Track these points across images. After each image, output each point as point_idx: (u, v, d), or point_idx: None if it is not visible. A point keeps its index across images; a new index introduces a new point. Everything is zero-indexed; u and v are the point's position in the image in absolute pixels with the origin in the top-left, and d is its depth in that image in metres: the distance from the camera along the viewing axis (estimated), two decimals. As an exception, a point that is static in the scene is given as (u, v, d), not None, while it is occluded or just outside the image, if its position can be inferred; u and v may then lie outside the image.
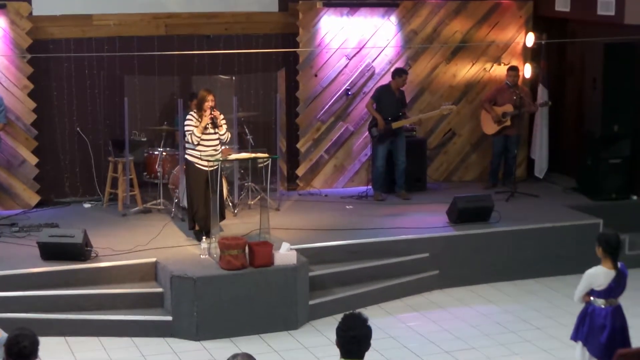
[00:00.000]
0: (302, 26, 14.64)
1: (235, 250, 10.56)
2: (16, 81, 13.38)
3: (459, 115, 15.35)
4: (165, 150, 13.32)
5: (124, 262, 10.99)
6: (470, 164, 15.65)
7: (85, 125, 14.07)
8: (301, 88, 14.75)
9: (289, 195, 14.45)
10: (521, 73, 15.13)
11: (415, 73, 15.14)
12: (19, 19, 13.33)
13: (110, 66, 14.07)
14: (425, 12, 15.16)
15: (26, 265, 10.73)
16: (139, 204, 13.40)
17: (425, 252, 12.10)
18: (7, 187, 13.45)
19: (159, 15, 14.25)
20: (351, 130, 14.97)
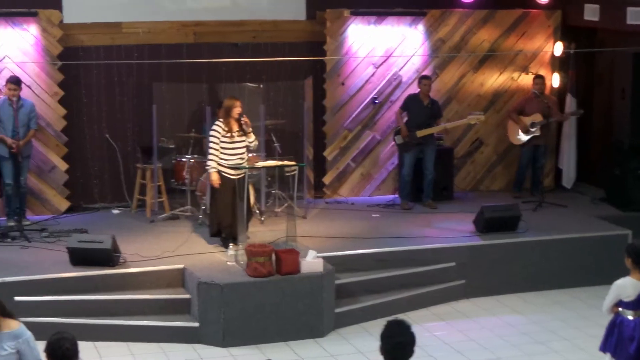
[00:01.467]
0: (330, 34, 14.68)
1: (262, 257, 10.59)
2: (47, 88, 13.50)
3: (486, 125, 15.33)
4: (193, 157, 13.38)
5: (151, 268, 11.06)
6: (497, 173, 15.62)
7: (114, 132, 14.17)
8: (328, 96, 14.78)
9: (315, 203, 14.47)
10: (548, 82, 15.10)
11: (442, 82, 15.15)
12: (50, 27, 13.45)
13: (139, 73, 14.17)
14: (452, 20, 15.17)
15: (56, 270, 10.81)
16: (167, 210, 13.48)
17: (452, 261, 12.09)
18: (38, 192, 13.56)
19: (187, 23, 14.33)
20: (378, 139, 14.99)
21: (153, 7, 14.21)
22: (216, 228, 11.72)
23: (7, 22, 13.29)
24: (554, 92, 15.31)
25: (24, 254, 11.50)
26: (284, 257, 10.71)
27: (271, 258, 10.69)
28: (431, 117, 14.13)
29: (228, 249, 11.30)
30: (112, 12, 14.02)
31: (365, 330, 10.92)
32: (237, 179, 11.53)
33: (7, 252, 11.56)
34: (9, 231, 12.21)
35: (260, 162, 12.19)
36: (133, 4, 14.13)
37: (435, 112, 14.21)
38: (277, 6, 14.78)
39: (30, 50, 13.42)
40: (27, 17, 13.36)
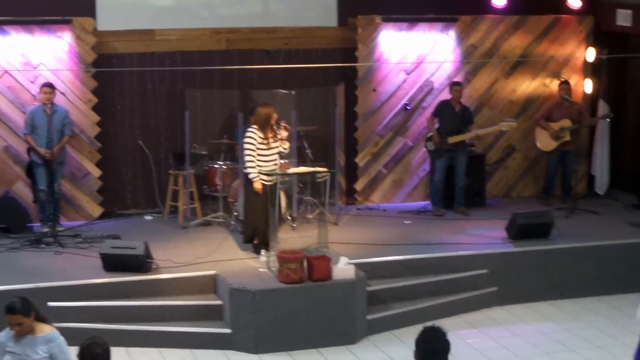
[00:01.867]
0: (361, 41, 14.70)
1: (294, 264, 10.61)
2: (81, 95, 13.61)
3: (519, 131, 15.28)
4: (225, 164, 13.44)
5: (183, 275, 11.11)
6: (529, 179, 15.57)
7: (147, 138, 14.26)
8: (360, 102, 14.80)
9: (347, 209, 14.50)
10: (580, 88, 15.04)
11: (474, 88, 15.14)
12: (84, 34, 13.56)
13: (172, 80, 14.26)
14: (484, 26, 15.15)
15: (89, 276, 10.88)
16: (199, 216, 13.54)
17: (484, 268, 12.06)
18: (71, 198, 13.66)
19: (219, 30, 14.40)
20: (410, 145, 14.99)
21: (186, 14, 14.29)
22: (251, 234, 11.74)
23: (42, 30, 13.41)
24: (586, 98, 15.26)
25: (57, 259, 11.60)
26: (315, 264, 10.72)
27: (303, 264, 10.71)
28: (462, 124, 14.11)
29: (260, 255, 11.33)
30: (145, 19, 14.13)
31: (396, 338, 10.92)
32: (270, 185, 11.55)
33: (41, 257, 11.67)
34: (43, 237, 12.32)
35: (292, 169, 12.22)
36: (166, 12, 14.22)
37: (466, 119, 14.19)
38: (309, 13, 14.83)
39: (64, 57, 13.53)
40: (62, 24, 13.48)
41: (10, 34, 13.30)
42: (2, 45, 13.28)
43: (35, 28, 13.39)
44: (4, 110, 13.28)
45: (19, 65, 13.32)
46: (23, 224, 12.96)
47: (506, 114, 14.92)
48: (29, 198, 13.32)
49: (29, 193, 13.32)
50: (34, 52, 13.41)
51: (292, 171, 12.13)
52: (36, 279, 10.62)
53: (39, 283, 10.48)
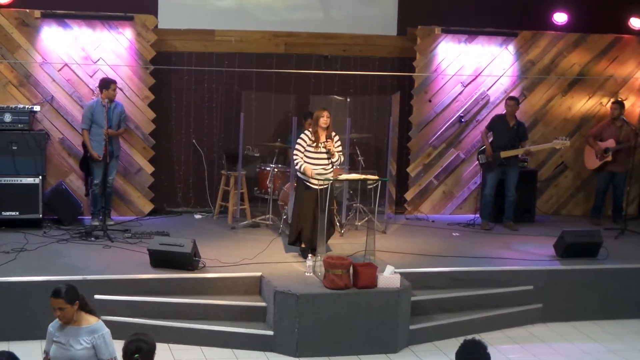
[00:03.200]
0: (420, 51, 14.71)
1: (340, 269, 10.61)
2: (138, 91, 13.75)
3: (572, 149, 15.21)
4: (277, 167, 13.51)
5: (230, 275, 11.14)
6: (581, 198, 15.49)
7: (201, 137, 14.38)
8: (415, 112, 14.81)
9: (396, 218, 14.51)
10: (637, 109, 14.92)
11: (530, 104, 15.08)
12: (144, 31, 13.71)
13: (229, 81, 14.36)
14: (544, 42, 15.10)
15: (136, 271, 10.95)
16: (248, 218, 13.63)
17: (530, 284, 11.98)
18: (123, 193, 13.81)
19: (279, 33, 14.49)
20: (462, 158, 14.97)
21: (246, 17, 14.40)
22: (295, 236, 11.81)
23: (103, 25, 13.57)
24: (639, 119, 15.18)
25: (106, 253, 11.70)
26: (361, 271, 10.72)
27: (349, 271, 10.71)
28: (516, 139, 14.05)
29: (306, 259, 11.36)
30: (206, 19, 14.26)
31: (438, 349, 10.88)
32: (320, 189, 11.59)
33: (90, 250, 11.78)
34: (92, 230, 12.45)
35: (343, 175, 12.23)
36: (227, 13, 14.34)
37: (521, 134, 14.13)
38: (369, 21, 14.88)
39: (124, 53, 13.69)
40: (123, 20, 13.63)
41: (73, 27, 13.48)
42: (63, 39, 13.47)
43: (97, 23, 13.55)
44: (62, 103, 13.46)
45: (78, 59, 13.49)
46: (74, 216, 13.13)
47: (561, 132, 14.84)
48: (81, 191, 13.49)
49: (82, 186, 13.49)
50: (95, 46, 13.58)
51: (343, 177, 12.12)
52: (84, 271, 10.72)
53: (86, 275, 10.57)
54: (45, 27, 13.38)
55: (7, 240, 11.88)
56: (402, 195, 14.94)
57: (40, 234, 12.40)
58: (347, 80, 14.66)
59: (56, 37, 13.44)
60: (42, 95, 13.39)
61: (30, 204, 12.76)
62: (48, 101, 13.40)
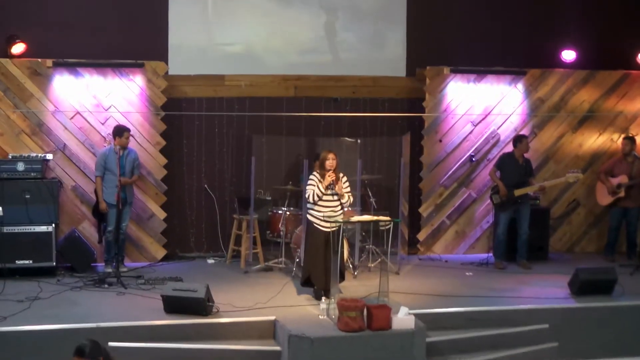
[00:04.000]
0: (429, 91, 14.76)
1: (354, 312, 10.57)
2: (150, 137, 13.82)
3: (584, 186, 15.21)
4: (289, 210, 13.52)
5: (243, 319, 11.10)
6: (594, 235, 15.46)
7: (213, 182, 14.42)
8: (425, 153, 14.83)
9: (409, 259, 14.49)
10: (639, 143, 14.97)
11: (540, 141, 15.10)
12: (155, 78, 13.80)
13: (240, 125, 14.43)
14: (552, 80, 15.14)
15: (150, 318, 10.93)
16: (261, 261, 13.63)
17: (545, 323, 11.91)
18: (136, 239, 13.84)
19: (288, 77, 14.57)
20: (474, 197, 14.97)
21: (255, 61, 14.50)
22: (306, 277, 11.82)
23: (114, 73, 13.68)
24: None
25: (120, 300, 11.70)
26: (375, 313, 10.69)
27: (363, 313, 10.67)
28: (525, 176, 14.06)
29: (320, 302, 11.34)
30: (216, 64, 14.36)
31: (454, 390, 10.85)
32: (331, 231, 11.60)
33: (104, 297, 11.78)
34: (106, 277, 12.45)
35: (355, 217, 12.24)
36: (236, 58, 14.44)
37: (528, 171, 14.14)
38: (377, 62, 14.95)
39: (135, 100, 13.78)
40: (134, 67, 13.75)
41: (84, 75, 13.59)
42: (75, 87, 13.58)
43: (109, 71, 13.66)
44: (74, 151, 13.53)
45: (90, 107, 13.59)
46: (87, 264, 13.15)
47: (572, 169, 14.80)
48: (94, 238, 13.52)
49: (94, 233, 13.53)
50: (106, 94, 13.68)
51: (355, 219, 12.14)
52: (98, 318, 10.69)
53: (100, 323, 10.55)
54: (57, 76, 13.49)
55: (21, 289, 11.88)
56: (415, 235, 14.94)
57: (54, 282, 12.41)
58: (357, 122, 14.71)
59: (68, 85, 13.56)
60: (55, 143, 13.47)
61: (43, 252, 12.79)
62: (60, 149, 13.47)
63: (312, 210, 11.78)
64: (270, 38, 14.59)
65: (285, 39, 14.65)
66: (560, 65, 15.20)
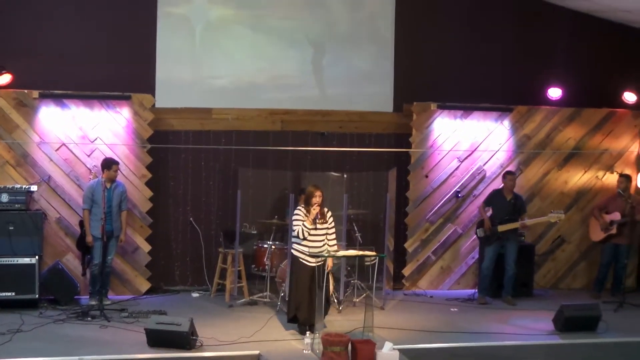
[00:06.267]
0: (416, 127, 14.79)
1: (338, 347, 10.55)
2: (135, 170, 13.80)
3: (569, 222, 15.24)
4: (275, 244, 13.50)
5: (227, 353, 11.05)
6: (579, 271, 15.47)
7: (198, 215, 14.40)
8: (411, 188, 14.84)
9: (394, 294, 14.46)
10: (634, 182, 14.96)
11: (526, 178, 15.13)
12: (142, 110, 13.81)
13: (226, 159, 14.42)
14: (539, 117, 15.20)
15: (133, 351, 10.87)
16: (246, 295, 13.58)
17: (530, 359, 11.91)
18: (120, 272, 13.78)
19: (275, 111, 14.60)
20: (460, 233, 14.97)
21: (243, 95, 14.53)
22: (293, 313, 11.79)
23: (101, 105, 13.68)
24: (638, 193, 15.16)
25: (103, 333, 11.63)
26: (360, 348, 10.67)
27: (347, 348, 10.65)
28: (514, 212, 14.07)
29: (304, 336, 11.31)
30: (203, 98, 14.38)
31: None
32: (317, 266, 11.60)
33: (87, 330, 11.71)
34: (89, 310, 12.39)
35: (340, 252, 12.23)
36: (223, 91, 14.46)
37: (519, 207, 14.15)
38: (365, 98, 14.99)
39: (121, 132, 13.77)
40: (121, 100, 13.75)
41: (70, 107, 13.58)
42: (61, 118, 13.57)
43: (95, 103, 13.66)
44: (59, 183, 13.50)
45: (76, 139, 13.57)
46: (71, 296, 13.08)
47: (557, 205, 14.87)
48: (78, 270, 13.46)
49: (78, 265, 13.46)
50: (92, 126, 13.67)
51: (340, 254, 12.13)
52: (81, 351, 10.64)
53: (83, 356, 10.50)
54: (43, 107, 13.48)
55: (3, 321, 11.81)
56: (400, 270, 14.92)
57: (36, 315, 12.34)
58: (344, 157, 14.73)
59: (54, 117, 13.54)
60: (39, 175, 13.44)
61: (26, 285, 12.72)
62: (45, 181, 13.43)
63: (297, 245, 11.76)
64: (258, 72, 14.62)
65: (273, 73, 14.68)
66: (547, 103, 15.26)
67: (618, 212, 14.44)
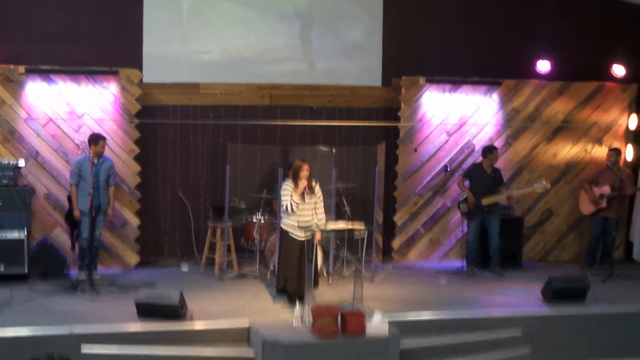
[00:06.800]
0: (404, 101, 14.79)
1: (328, 318, 10.58)
2: (123, 145, 13.77)
3: (558, 195, 15.28)
4: (264, 218, 13.50)
5: (217, 325, 11.08)
6: (567, 244, 15.52)
7: (187, 190, 14.39)
8: (400, 162, 14.85)
9: (383, 267, 14.49)
10: (623, 155, 14.98)
11: (515, 151, 15.15)
12: (129, 86, 13.77)
13: (215, 134, 14.40)
14: (527, 91, 15.20)
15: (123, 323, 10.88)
16: (235, 269, 13.60)
17: (518, 329, 11.94)
18: (109, 247, 13.78)
19: (264, 85, 14.57)
20: (448, 206, 15.00)
21: (231, 69, 14.48)
22: (282, 284, 11.81)
23: (88, 80, 13.64)
24: (627, 165, 15.20)
25: (92, 306, 11.62)
26: (349, 319, 10.68)
27: (337, 319, 10.67)
28: (494, 185, 14.08)
29: (294, 308, 11.33)
30: (191, 73, 14.34)
31: (427, 396, 10.83)
32: (306, 240, 11.61)
33: (77, 304, 11.71)
34: (79, 284, 12.37)
35: (330, 225, 12.24)
36: (211, 66, 14.42)
37: (497, 180, 14.16)
38: (353, 72, 14.97)
39: (109, 107, 13.74)
40: (108, 75, 13.70)
41: (57, 83, 13.54)
42: (48, 94, 13.53)
43: (82, 78, 13.62)
44: (47, 158, 13.47)
45: (63, 114, 13.54)
46: (60, 270, 13.08)
47: (546, 178, 14.84)
48: (66, 245, 13.44)
49: (67, 239, 13.45)
50: (79, 101, 13.63)
51: (330, 227, 12.14)
52: (71, 324, 10.63)
53: (73, 329, 10.49)
54: (29, 83, 13.43)
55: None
56: (389, 244, 14.94)
57: (26, 289, 12.32)
58: (333, 131, 14.72)
59: (41, 92, 13.50)
60: (27, 150, 13.40)
61: (15, 259, 12.71)
62: (33, 156, 13.40)
63: (286, 219, 11.77)
64: (246, 46, 14.58)
65: (261, 47, 14.64)
66: (535, 76, 15.27)
67: (608, 185, 14.46)
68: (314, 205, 11.80)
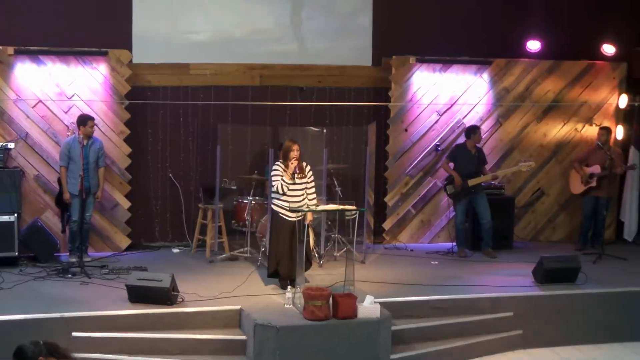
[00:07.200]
0: (395, 81, 14.76)
1: (319, 301, 10.56)
2: (113, 126, 13.72)
3: (548, 175, 15.28)
4: (255, 199, 13.48)
5: (209, 308, 11.05)
6: (558, 224, 15.54)
7: (178, 171, 14.35)
8: (391, 142, 14.83)
9: (374, 248, 14.50)
10: (613, 134, 14.99)
11: (505, 131, 15.14)
12: (119, 66, 13.70)
13: (205, 114, 14.35)
14: (518, 70, 15.18)
15: (114, 307, 10.84)
16: (227, 251, 13.58)
17: (510, 311, 11.96)
18: (100, 229, 13.74)
19: (254, 65, 14.51)
20: (439, 186, 14.99)
21: (221, 49, 14.41)
22: (273, 268, 11.78)
23: (77, 61, 13.56)
24: (617, 144, 15.22)
25: (83, 290, 11.60)
26: (341, 301, 10.67)
27: (328, 302, 10.65)
28: (478, 165, 14.08)
29: (286, 291, 11.32)
30: (181, 53, 14.26)
31: (419, 378, 10.85)
32: (297, 221, 11.59)
33: (68, 287, 11.67)
34: (69, 267, 12.35)
35: (321, 206, 12.22)
36: (201, 46, 14.35)
37: (481, 160, 14.16)
38: (344, 52, 14.92)
39: (98, 88, 13.67)
40: (98, 56, 13.63)
41: (46, 64, 13.46)
42: (37, 75, 13.45)
43: (71, 59, 13.54)
44: (36, 140, 13.41)
45: (53, 95, 13.47)
46: (50, 253, 13.04)
47: (536, 158, 14.91)
48: (57, 227, 13.41)
49: (58, 222, 13.42)
50: (69, 82, 13.56)
51: (321, 208, 12.11)
52: (61, 308, 10.60)
53: (64, 313, 10.47)
54: (18, 64, 13.35)
55: (-17, 279, 11.79)
56: (380, 224, 14.94)
57: (16, 272, 12.28)
58: (323, 111, 14.69)
59: (30, 73, 13.42)
60: (17, 132, 13.34)
61: (5, 242, 12.66)
62: (22, 138, 13.34)
63: (277, 201, 11.73)
64: (236, 26, 14.51)
65: (251, 27, 14.58)
66: (526, 55, 15.25)
67: (598, 164, 14.47)
68: (305, 186, 11.76)
